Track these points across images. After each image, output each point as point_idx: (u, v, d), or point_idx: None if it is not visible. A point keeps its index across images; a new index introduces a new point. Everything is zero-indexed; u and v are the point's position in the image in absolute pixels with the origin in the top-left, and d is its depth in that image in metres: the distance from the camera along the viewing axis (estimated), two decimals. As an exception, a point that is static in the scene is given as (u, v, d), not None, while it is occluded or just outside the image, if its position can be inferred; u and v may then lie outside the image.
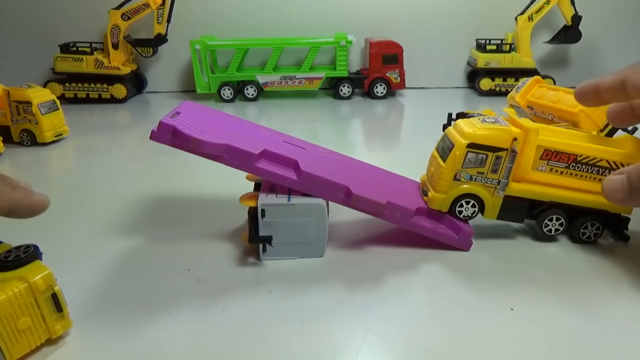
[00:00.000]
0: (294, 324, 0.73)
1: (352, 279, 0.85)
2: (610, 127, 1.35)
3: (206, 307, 0.77)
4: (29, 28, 2.62)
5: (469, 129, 0.89)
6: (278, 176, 0.87)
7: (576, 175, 0.93)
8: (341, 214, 1.04)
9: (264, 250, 0.89)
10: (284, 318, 0.75)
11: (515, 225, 1.05)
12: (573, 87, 1.52)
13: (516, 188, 0.93)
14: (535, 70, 2.60)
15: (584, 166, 0.92)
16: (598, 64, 2.85)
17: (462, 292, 0.81)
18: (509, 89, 2.30)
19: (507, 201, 0.93)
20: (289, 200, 0.87)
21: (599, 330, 0.72)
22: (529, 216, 0.97)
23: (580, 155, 0.91)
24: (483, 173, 0.91)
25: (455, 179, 0.91)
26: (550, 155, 0.91)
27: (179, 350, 0.68)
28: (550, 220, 0.95)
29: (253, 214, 0.87)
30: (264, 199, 0.86)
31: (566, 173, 0.93)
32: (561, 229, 0.96)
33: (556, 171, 0.93)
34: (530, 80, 1.58)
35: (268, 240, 0.87)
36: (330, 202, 0.94)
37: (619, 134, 1.34)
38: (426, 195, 0.97)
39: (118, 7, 2.44)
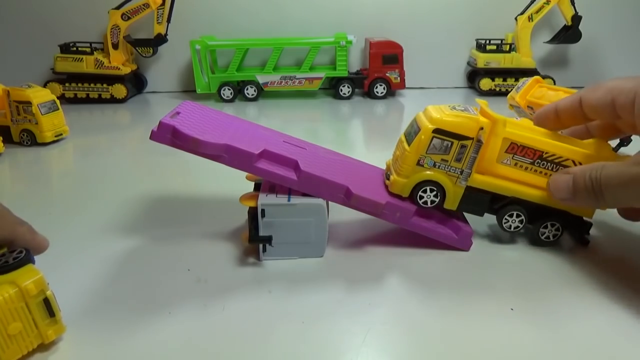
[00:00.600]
0: (294, 324, 0.73)
1: (352, 279, 0.85)
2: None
3: (206, 307, 0.77)
4: (29, 28, 2.62)
5: (436, 114, 0.88)
6: (278, 176, 0.87)
7: (540, 172, 0.91)
8: (341, 214, 1.04)
9: (264, 250, 0.89)
10: (284, 318, 0.75)
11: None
12: (573, 87, 1.52)
13: (479, 180, 0.91)
14: (535, 70, 2.60)
15: (549, 164, 0.91)
16: (598, 64, 2.85)
17: (462, 292, 0.82)
18: (509, 89, 2.30)
19: (468, 192, 0.92)
20: (289, 200, 0.87)
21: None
22: (489, 210, 0.95)
23: (546, 152, 0.90)
24: (447, 161, 0.89)
25: (418, 164, 0.90)
26: (516, 149, 0.90)
27: (179, 350, 0.68)
28: (511, 216, 0.94)
29: (253, 214, 0.87)
30: (264, 199, 0.86)
31: (531, 169, 0.91)
32: (520, 226, 0.94)
33: (521, 166, 0.91)
34: (530, 80, 1.58)
35: (268, 240, 0.87)
36: (330, 202, 0.94)
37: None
38: (388, 178, 0.96)
39: (118, 7, 2.44)
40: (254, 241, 0.87)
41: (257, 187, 0.93)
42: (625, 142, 1.31)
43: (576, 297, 0.80)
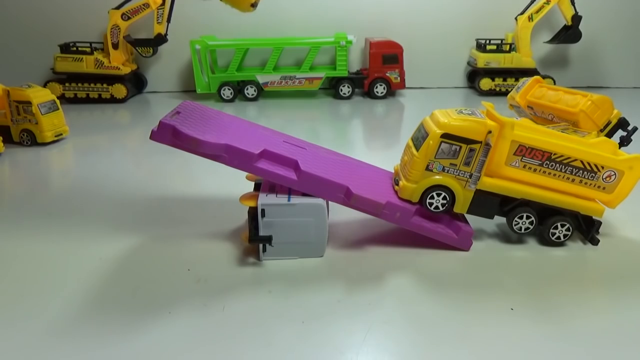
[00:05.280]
0: (294, 324, 0.73)
1: (352, 279, 0.85)
2: (610, 126, 1.36)
3: (206, 307, 0.77)
4: (29, 28, 2.62)
5: (444, 119, 0.89)
6: (278, 176, 0.87)
7: (549, 173, 0.92)
8: (341, 214, 1.04)
9: (264, 250, 0.89)
10: (284, 318, 0.75)
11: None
12: (573, 87, 1.52)
13: (488, 183, 0.92)
14: (535, 70, 2.59)
15: (557, 165, 0.91)
16: (598, 64, 2.85)
17: (462, 292, 0.82)
18: (509, 89, 2.30)
19: (478, 195, 0.92)
20: (289, 200, 0.87)
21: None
22: (499, 213, 0.96)
23: (554, 154, 0.90)
24: (456, 165, 0.90)
25: (427, 169, 0.90)
26: (524, 151, 0.90)
27: (179, 350, 0.68)
28: (521, 218, 0.94)
29: (253, 214, 0.87)
30: (264, 199, 0.86)
31: (539, 171, 0.91)
32: (531, 227, 0.94)
33: (529, 168, 0.91)
34: (530, 80, 1.58)
35: (268, 240, 0.87)
36: (330, 202, 0.94)
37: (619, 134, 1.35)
38: (397, 184, 0.96)
39: (118, 7, 2.44)
40: (254, 241, 0.87)
41: (257, 187, 0.93)
42: (625, 142, 1.31)
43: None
